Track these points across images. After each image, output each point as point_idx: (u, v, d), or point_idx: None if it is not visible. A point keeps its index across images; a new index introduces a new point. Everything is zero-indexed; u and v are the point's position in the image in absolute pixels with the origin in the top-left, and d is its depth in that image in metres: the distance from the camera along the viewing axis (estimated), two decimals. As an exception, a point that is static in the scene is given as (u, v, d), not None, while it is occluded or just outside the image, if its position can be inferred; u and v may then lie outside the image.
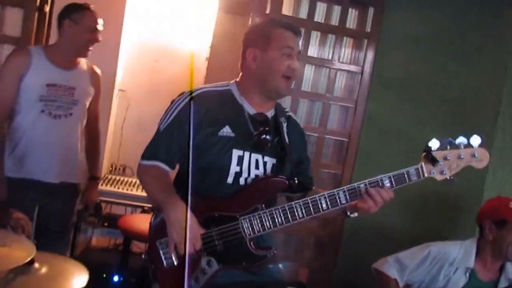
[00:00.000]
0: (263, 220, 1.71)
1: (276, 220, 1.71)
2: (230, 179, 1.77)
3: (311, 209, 1.71)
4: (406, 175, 1.75)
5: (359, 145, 3.35)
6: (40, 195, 2.63)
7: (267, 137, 1.80)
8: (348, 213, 1.79)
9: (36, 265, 1.66)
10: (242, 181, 1.78)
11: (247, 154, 1.79)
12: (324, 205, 1.71)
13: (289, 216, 1.71)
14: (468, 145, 1.71)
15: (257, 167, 1.81)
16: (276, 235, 3.41)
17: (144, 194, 3.35)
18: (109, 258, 3.54)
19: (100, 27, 2.66)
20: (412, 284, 2.51)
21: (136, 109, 4.41)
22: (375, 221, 3.31)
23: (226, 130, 1.78)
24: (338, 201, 1.71)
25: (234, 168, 1.77)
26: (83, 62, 2.76)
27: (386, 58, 3.32)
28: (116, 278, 3.31)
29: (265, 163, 1.82)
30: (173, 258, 1.71)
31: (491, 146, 3.03)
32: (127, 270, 3.27)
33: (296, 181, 1.82)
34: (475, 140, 1.70)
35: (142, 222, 2.93)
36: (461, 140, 1.70)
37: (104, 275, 3.34)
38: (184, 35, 4.46)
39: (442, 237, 2.96)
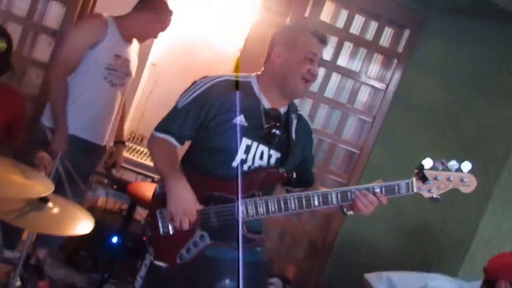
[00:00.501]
0: (258, 206, 1.82)
1: (270, 208, 1.82)
2: (235, 164, 1.87)
3: (304, 203, 1.81)
4: (396, 187, 1.82)
5: (369, 160, 3.44)
6: (80, 152, 2.76)
7: (277, 131, 1.89)
8: (345, 211, 1.88)
9: (50, 204, 1.79)
10: (245, 168, 1.88)
11: (255, 144, 1.88)
12: (316, 202, 1.81)
13: (282, 207, 1.82)
14: (459, 170, 1.78)
15: (261, 158, 1.90)
16: (271, 229, 3.56)
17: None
18: (111, 219, 3.62)
19: None
20: None
21: (164, 84, 4.52)
22: (370, 237, 3.42)
23: (241, 119, 1.86)
24: (330, 200, 1.81)
25: (240, 155, 1.86)
26: None
27: (411, 81, 3.40)
28: (115, 239, 3.44)
29: (270, 156, 1.91)
30: (169, 227, 1.83)
31: (495, 184, 3.10)
32: (126, 234, 3.38)
33: (294, 176, 1.92)
34: (466, 166, 1.78)
35: (150, 190, 3.04)
36: (453, 163, 1.77)
37: (105, 235, 3.48)
38: (223, 24, 4.57)
39: (429, 264, 3.04)
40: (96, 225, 3.39)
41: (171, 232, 1.83)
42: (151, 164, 3.52)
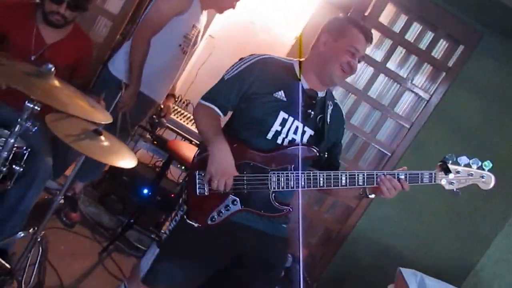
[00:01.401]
0: (289, 179, 1.92)
1: (300, 183, 1.93)
2: (270, 135, 1.98)
3: (332, 181, 1.93)
4: (420, 176, 1.94)
5: (398, 164, 3.54)
6: (137, 106, 2.95)
7: (311, 111, 2.02)
8: (368, 194, 1.99)
9: (102, 137, 1.98)
10: (279, 140, 1.99)
11: (291, 119, 1.99)
12: (343, 181, 1.92)
13: (312, 182, 1.93)
14: (480, 168, 1.88)
15: (295, 132, 2.00)
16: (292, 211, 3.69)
17: (195, 130, 3.65)
18: (145, 172, 3.80)
19: None
20: None
21: (217, 58, 4.66)
22: (383, 236, 3.53)
23: (280, 94, 1.98)
24: (356, 181, 1.92)
25: (276, 127, 1.97)
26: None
27: (455, 97, 3.47)
28: (146, 191, 3.65)
29: (303, 132, 2.02)
30: (205, 188, 1.94)
31: (514, 212, 3.16)
32: (157, 188, 3.55)
33: (326, 155, 2.03)
34: (487, 165, 1.88)
35: (188, 149, 3.24)
36: (475, 161, 1.88)
37: (137, 184, 3.69)
38: (284, 11, 4.68)
39: (435, 271, 3.13)
40: (131, 174, 3.63)
41: (206, 194, 1.94)
42: (191, 127, 3.70)
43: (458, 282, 3.13)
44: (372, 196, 1.99)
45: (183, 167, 3.51)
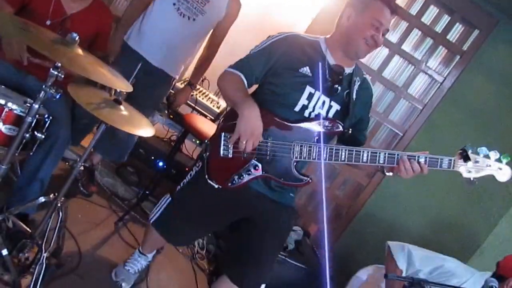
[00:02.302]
0: (312, 150, 1.97)
1: (322, 154, 1.97)
2: (297, 108, 2.03)
3: (353, 157, 1.96)
4: (439, 161, 1.95)
5: (409, 144, 3.58)
6: (147, 76, 2.90)
7: (337, 86, 2.05)
8: (385, 171, 2.02)
9: (122, 107, 2.06)
10: (306, 114, 2.04)
11: (317, 93, 2.03)
12: (364, 158, 1.96)
13: (333, 156, 1.97)
14: (498, 160, 1.93)
15: (322, 107, 2.05)
16: (303, 188, 3.74)
17: (210, 105, 3.72)
18: (161, 146, 3.90)
19: None
20: None
21: (235, 37, 4.67)
22: (392, 214, 3.59)
23: (306, 70, 2.03)
24: (377, 159, 1.96)
25: (303, 101, 2.02)
26: None
27: (468, 81, 3.49)
28: (161, 164, 3.74)
29: (330, 107, 2.07)
30: (229, 151, 1.99)
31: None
32: (172, 161, 3.64)
33: (350, 131, 2.06)
34: (505, 158, 1.93)
35: (203, 124, 3.30)
36: (494, 153, 1.93)
37: (153, 157, 3.78)
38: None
39: (441, 250, 3.20)
40: (147, 147, 3.71)
41: (229, 156, 1.99)
42: (206, 102, 3.75)
43: (465, 260, 3.18)
44: (390, 174, 2.02)
45: (197, 141, 3.58)
